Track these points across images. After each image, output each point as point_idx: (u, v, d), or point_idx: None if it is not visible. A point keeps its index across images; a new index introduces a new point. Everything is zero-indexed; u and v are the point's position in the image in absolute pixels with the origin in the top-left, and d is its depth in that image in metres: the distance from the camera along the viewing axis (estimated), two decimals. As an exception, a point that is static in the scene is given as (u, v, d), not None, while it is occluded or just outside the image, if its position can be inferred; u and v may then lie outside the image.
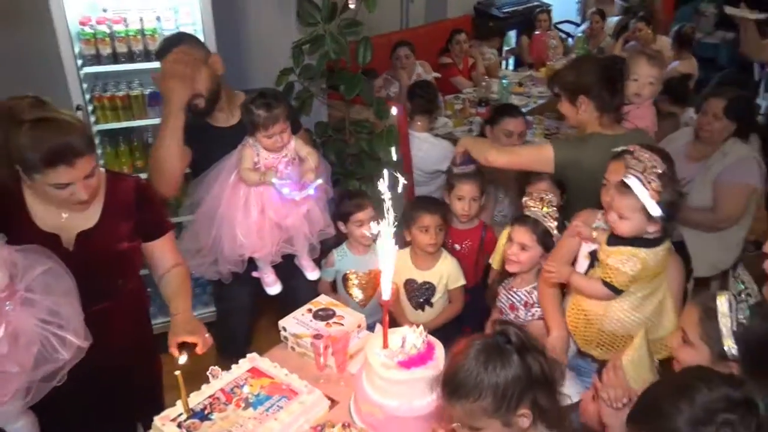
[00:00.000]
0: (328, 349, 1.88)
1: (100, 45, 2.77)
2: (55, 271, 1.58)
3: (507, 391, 1.29)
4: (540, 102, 4.69)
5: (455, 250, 2.63)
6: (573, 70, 2.32)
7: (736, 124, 2.90)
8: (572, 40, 6.65)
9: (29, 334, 1.51)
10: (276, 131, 2.18)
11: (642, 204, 1.70)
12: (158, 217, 1.97)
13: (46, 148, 1.57)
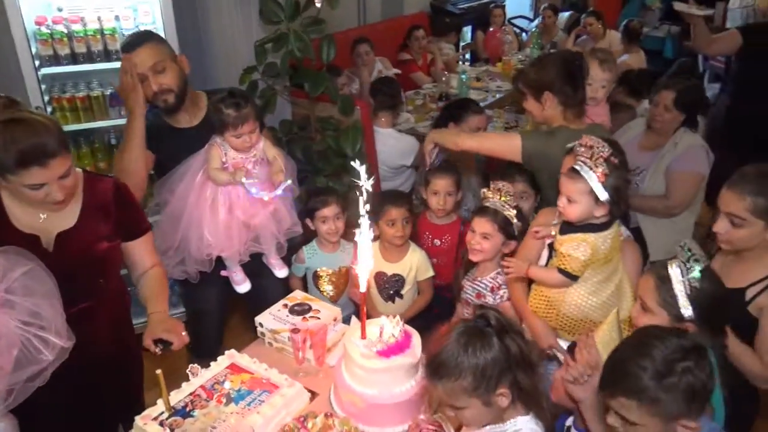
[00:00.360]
0: (306, 343, 1.92)
1: (57, 45, 2.72)
2: (36, 273, 1.57)
3: (486, 372, 1.35)
4: (498, 96, 4.80)
5: (435, 246, 2.67)
6: (535, 68, 2.38)
7: (685, 114, 3.04)
8: (526, 35, 6.82)
9: (10, 336, 1.50)
10: (245, 131, 2.19)
11: (590, 187, 1.78)
12: (137, 218, 1.97)
13: (18, 148, 1.56)
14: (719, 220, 1.82)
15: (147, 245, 1.99)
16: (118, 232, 1.89)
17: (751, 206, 1.73)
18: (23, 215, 1.74)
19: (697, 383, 1.25)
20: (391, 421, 1.71)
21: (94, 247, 1.82)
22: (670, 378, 1.25)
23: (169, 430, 1.64)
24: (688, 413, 1.27)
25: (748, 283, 1.83)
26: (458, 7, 6.51)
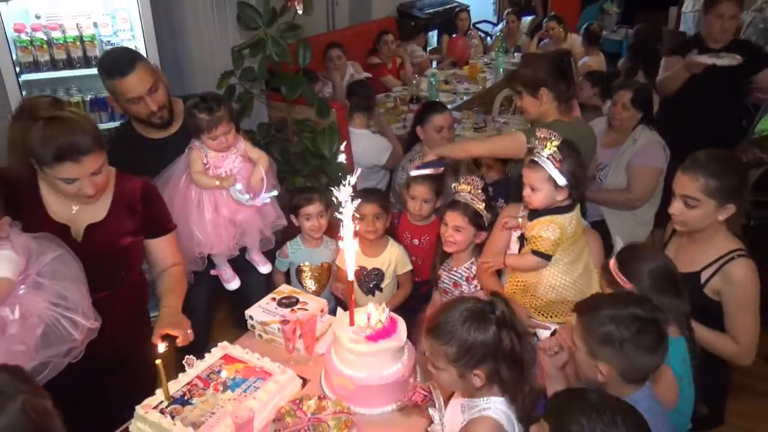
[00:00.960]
0: (296, 333, 2.01)
1: (37, 52, 2.77)
2: (65, 258, 1.70)
3: (471, 350, 1.46)
4: (466, 98, 4.96)
5: (414, 245, 2.76)
6: (529, 68, 2.53)
7: (642, 112, 3.24)
8: (490, 39, 7.02)
9: (38, 315, 1.61)
10: (219, 133, 2.28)
11: (549, 174, 1.95)
12: (162, 217, 2.08)
13: (55, 145, 1.68)
14: (674, 202, 1.97)
15: (170, 244, 2.09)
16: (142, 228, 1.99)
17: (704, 187, 1.88)
18: (57, 205, 1.86)
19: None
20: (380, 402, 1.81)
21: (119, 241, 1.93)
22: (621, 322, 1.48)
23: (169, 417, 1.72)
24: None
25: (701, 267, 1.97)
26: (424, 12, 6.68)
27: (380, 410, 1.81)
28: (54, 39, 2.80)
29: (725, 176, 1.88)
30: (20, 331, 1.58)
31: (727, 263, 1.92)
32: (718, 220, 1.93)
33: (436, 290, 2.53)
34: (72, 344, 1.68)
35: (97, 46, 2.87)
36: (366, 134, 3.55)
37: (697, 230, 1.98)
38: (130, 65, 2.18)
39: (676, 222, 2.01)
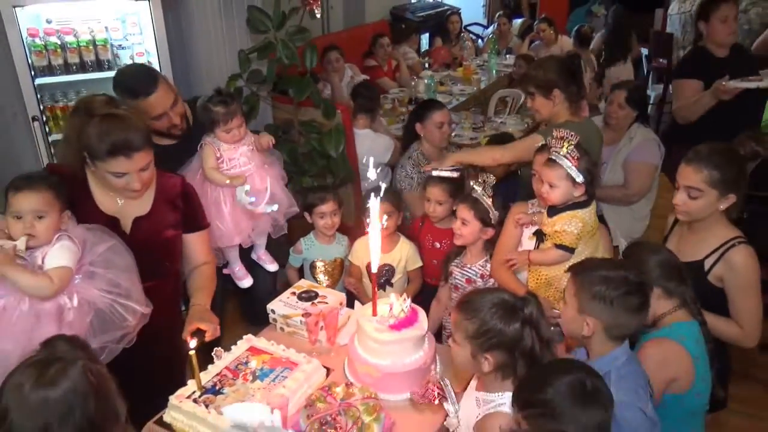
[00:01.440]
0: (318, 325, 2.09)
1: (51, 56, 2.82)
2: (117, 249, 1.81)
3: (487, 333, 1.54)
4: (462, 99, 5.06)
5: (435, 248, 2.82)
6: (541, 70, 2.62)
7: (637, 111, 3.36)
8: (482, 41, 7.14)
9: (91, 303, 1.71)
10: (234, 125, 2.39)
11: (567, 172, 2.05)
12: (198, 213, 2.18)
13: (110, 139, 1.77)
14: (678, 193, 2.07)
15: (204, 241, 2.19)
16: (182, 223, 2.09)
17: (707, 178, 1.99)
18: (105, 199, 1.96)
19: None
20: (404, 388, 1.89)
21: (163, 233, 2.03)
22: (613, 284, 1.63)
23: (203, 406, 1.78)
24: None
25: (704, 255, 2.08)
26: (417, 15, 6.77)
27: (404, 396, 1.89)
28: (67, 43, 2.85)
29: (726, 168, 1.99)
30: (75, 318, 1.68)
31: (729, 250, 2.03)
32: (718, 210, 2.04)
33: (444, 286, 2.61)
34: (126, 330, 1.80)
35: (109, 50, 2.93)
36: (369, 134, 3.64)
37: (698, 220, 2.09)
38: (153, 84, 2.26)
39: (679, 212, 2.11)
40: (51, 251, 1.75)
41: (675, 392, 1.80)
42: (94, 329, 1.77)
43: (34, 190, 1.73)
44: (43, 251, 1.76)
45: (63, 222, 1.79)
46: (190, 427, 1.77)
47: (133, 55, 3.05)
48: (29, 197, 1.72)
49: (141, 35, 3.08)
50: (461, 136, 4.15)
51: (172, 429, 1.82)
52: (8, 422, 1.18)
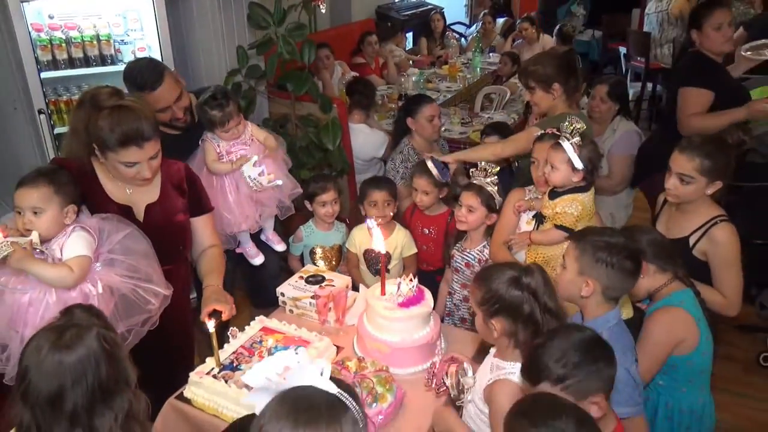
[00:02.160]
0: (327, 306, 2.19)
1: (56, 50, 2.87)
2: (134, 235, 1.87)
3: (491, 300, 1.66)
4: (449, 96, 5.19)
5: (424, 234, 2.93)
6: (541, 65, 2.73)
7: (619, 104, 3.52)
8: (465, 40, 7.28)
9: (113, 289, 1.78)
10: (231, 126, 2.47)
11: (569, 157, 2.18)
12: (202, 197, 2.24)
13: (122, 130, 1.82)
14: (670, 178, 2.23)
15: (209, 224, 2.25)
16: (189, 207, 2.16)
17: (698, 167, 2.16)
18: (115, 189, 2.01)
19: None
20: (413, 363, 2.01)
21: (174, 218, 2.10)
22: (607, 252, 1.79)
23: (223, 381, 1.88)
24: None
25: (689, 232, 2.25)
26: (402, 14, 6.88)
27: (413, 369, 2.01)
28: (72, 38, 2.90)
29: (717, 157, 2.16)
30: (100, 304, 1.73)
31: (712, 227, 2.20)
32: (705, 194, 2.21)
33: (449, 268, 2.74)
34: (149, 313, 1.86)
35: (111, 45, 2.99)
36: (364, 129, 3.75)
37: (686, 202, 2.25)
38: (159, 78, 2.33)
39: (670, 195, 2.27)
40: (67, 242, 1.80)
41: (683, 353, 1.96)
42: (119, 313, 1.83)
43: (32, 187, 1.77)
44: (60, 243, 1.80)
45: (67, 216, 1.82)
46: (210, 401, 1.87)
47: (135, 51, 3.11)
48: (27, 193, 1.76)
49: (142, 31, 3.14)
50: (451, 130, 4.27)
51: (191, 404, 1.91)
52: (27, 382, 1.27)
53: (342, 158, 3.42)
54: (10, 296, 1.76)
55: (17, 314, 1.75)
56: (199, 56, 3.42)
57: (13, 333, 1.76)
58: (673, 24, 6.14)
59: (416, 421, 1.84)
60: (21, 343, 1.70)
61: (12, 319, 1.76)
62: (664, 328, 1.96)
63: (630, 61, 6.64)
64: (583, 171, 2.19)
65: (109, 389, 1.31)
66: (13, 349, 1.76)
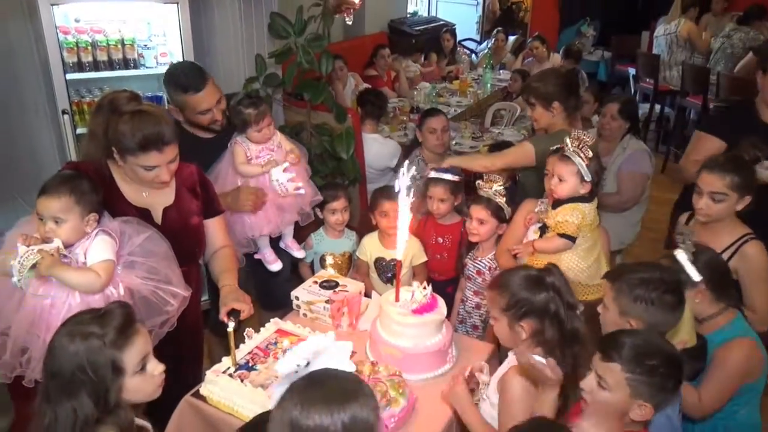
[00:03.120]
0: (340, 310, 2.23)
1: (82, 53, 2.93)
2: (153, 238, 1.89)
3: (519, 303, 1.72)
4: (459, 110, 5.26)
5: (438, 243, 2.93)
6: (542, 83, 2.80)
7: (629, 122, 3.58)
8: (476, 56, 7.37)
9: (138, 291, 1.80)
10: (264, 125, 2.51)
11: (578, 169, 2.24)
12: (213, 199, 2.27)
13: (143, 135, 1.85)
14: (702, 198, 2.27)
15: (221, 225, 2.28)
16: (203, 209, 2.19)
17: (730, 183, 2.21)
18: (131, 192, 2.04)
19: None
20: (424, 369, 2.04)
21: (190, 221, 2.13)
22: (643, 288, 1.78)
23: (239, 380, 1.91)
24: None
25: (720, 250, 2.27)
26: (414, 29, 6.98)
27: (424, 376, 2.04)
28: (98, 41, 2.97)
29: (743, 172, 2.22)
30: None
31: (743, 245, 2.26)
32: (735, 211, 2.26)
33: (463, 277, 2.79)
34: (167, 315, 1.89)
35: (135, 49, 3.06)
36: (377, 139, 3.81)
37: (716, 220, 2.30)
38: (203, 81, 2.40)
39: (701, 215, 2.30)
40: (91, 247, 1.81)
41: (752, 381, 1.99)
42: (139, 315, 1.79)
43: (54, 196, 1.77)
44: (84, 247, 1.82)
45: (88, 225, 1.82)
46: (225, 399, 1.90)
47: (157, 56, 3.17)
48: (49, 202, 1.77)
49: (164, 37, 3.21)
50: (462, 144, 4.34)
51: (207, 401, 1.95)
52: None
53: (355, 167, 3.48)
54: (32, 300, 1.77)
55: (39, 317, 1.77)
56: (218, 63, 3.48)
57: (34, 337, 1.77)
58: (682, 46, 6.22)
59: (428, 427, 1.87)
60: (42, 346, 1.72)
61: (34, 323, 1.77)
62: (742, 362, 1.95)
63: (639, 83, 6.72)
64: (591, 182, 2.24)
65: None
66: (34, 352, 1.77)
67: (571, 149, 2.24)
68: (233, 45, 3.43)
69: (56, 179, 1.83)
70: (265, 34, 3.40)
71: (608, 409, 1.52)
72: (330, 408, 1.09)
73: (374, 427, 1.14)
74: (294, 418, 1.10)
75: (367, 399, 1.14)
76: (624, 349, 1.49)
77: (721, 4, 6.52)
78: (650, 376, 1.46)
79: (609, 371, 1.49)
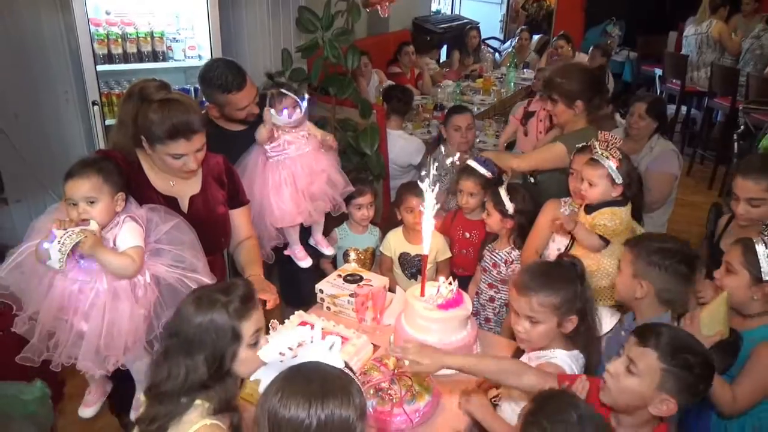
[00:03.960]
0: (365, 305, 2.23)
1: (112, 45, 2.97)
2: (180, 226, 1.89)
3: (568, 298, 1.72)
4: (482, 108, 5.23)
5: (465, 238, 2.93)
6: (567, 80, 2.74)
7: (657, 122, 3.52)
8: (499, 55, 7.33)
9: (164, 278, 1.81)
10: (287, 104, 2.46)
11: (608, 172, 2.19)
12: (239, 189, 2.27)
13: (172, 123, 1.86)
14: (740, 205, 2.24)
15: (246, 216, 2.29)
16: (228, 199, 2.20)
17: (767, 187, 2.17)
18: (159, 181, 2.04)
19: None
20: (449, 364, 2.03)
21: (216, 210, 2.14)
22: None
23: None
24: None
25: None
26: (438, 27, 6.96)
27: (450, 371, 2.02)
28: (128, 34, 3.00)
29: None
30: (146, 293, 1.78)
31: None
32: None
33: (479, 268, 2.78)
34: None
35: (164, 42, 3.09)
36: (402, 135, 3.80)
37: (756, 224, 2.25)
38: (243, 79, 2.41)
39: (742, 219, 2.27)
40: (121, 233, 1.81)
41: None
42: (164, 302, 1.84)
43: (84, 177, 1.77)
44: (113, 234, 1.82)
45: (117, 204, 1.83)
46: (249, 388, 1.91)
47: (185, 49, 3.20)
48: (79, 184, 1.77)
49: (192, 30, 3.24)
50: (485, 142, 4.32)
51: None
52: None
53: (379, 163, 3.48)
54: (62, 283, 1.78)
55: (68, 301, 1.78)
56: (245, 57, 3.50)
57: (62, 321, 1.78)
58: (712, 47, 6.12)
59: (453, 421, 1.86)
60: (69, 330, 1.76)
61: (62, 307, 1.78)
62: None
63: (665, 83, 6.62)
64: (623, 185, 2.20)
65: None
66: (61, 336, 1.78)
67: (600, 152, 2.19)
68: (260, 39, 3.46)
69: (80, 163, 1.83)
70: (292, 28, 3.41)
71: (628, 397, 1.49)
72: (308, 402, 1.10)
73: (354, 427, 1.14)
74: (273, 406, 1.12)
75: (351, 398, 1.14)
76: (662, 338, 1.47)
77: (752, 5, 6.39)
78: (683, 371, 1.43)
79: (643, 356, 1.46)
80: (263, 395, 1.17)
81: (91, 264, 1.78)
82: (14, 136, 2.94)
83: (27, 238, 1.82)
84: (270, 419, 1.13)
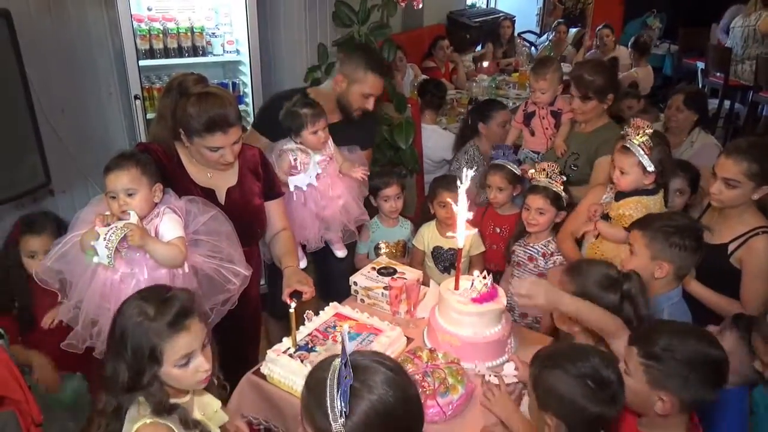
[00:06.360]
0: (398, 297, 2.24)
1: (154, 40, 3.03)
2: (218, 217, 1.94)
3: (584, 296, 1.71)
4: (517, 103, 5.16)
5: (496, 233, 2.96)
6: (598, 76, 2.74)
7: (698, 114, 3.44)
8: (535, 48, 7.23)
9: (201, 269, 1.86)
10: (319, 127, 2.43)
11: (639, 160, 2.16)
12: (274, 181, 2.31)
13: (209, 116, 1.90)
14: (715, 183, 2.18)
15: (280, 208, 2.32)
16: (264, 191, 2.23)
17: (746, 170, 2.10)
18: (197, 173, 2.10)
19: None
20: (482, 358, 2.03)
21: (252, 202, 2.18)
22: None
23: (299, 360, 1.94)
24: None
25: (730, 239, 2.19)
26: (473, 21, 6.90)
27: (483, 365, 2.02)
28: (168, 29, 3.07)
29: (765, 161, 2.10)
30: (183, 283, 1.82)
31: (752, 237, 2.14)
32: (751, 200, 2.15)
33: (509, 265, 2.76)
34: (229, 293, 1.93)
35: (204, 37, 3.14)
36: (436, 129, 3.79)
37: (730, 207, 2.19)
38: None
39: (714, 199, 2.21)
40: (162, 224, 1.86)
41: None
42: (202, 292, 1.89)
43: (122, 169, 1.82)
44: (154, 225, 1.87)
45: (155, 195, 1.87)
46: (285, 378, 1.94)
47: (224, 44, 3.26)
48: (118, 176, 1.81)
49: (230, 26, 3.28)
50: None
51: (267, 380, 1.99)
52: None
53: (413, 157, 3.48)
54: (104, 273, 1.83)
55: (110, 291, 1.83)
56: (282, 51, 3.54)
57: (104, 310, 1.83)
58: (758, 41, 5.93)
59: (486, 415, 1.85)
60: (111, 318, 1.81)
61: (104, 296, 1.83)
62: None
63: (707, 77, 6.45)
64: (655, 173, 2.16)
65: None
66: (103, 324, 1.83)
67: (632, 139, 2.17)
68: (297, 33, 3.48)
69: (118, 156, 1.88)
70: (328, 22, 3.42)
71: (630, 399, 1.47)
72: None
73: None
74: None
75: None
76: (641, 333, 1.54)
77: (801, -1, 6.18)
78: (661, 364, 1.44)
79: (630, 355, 1.52)
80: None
81: (133, 254, 1.84)
82: (60, 130, 3.03)
83: (71, 229, 1.89)
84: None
